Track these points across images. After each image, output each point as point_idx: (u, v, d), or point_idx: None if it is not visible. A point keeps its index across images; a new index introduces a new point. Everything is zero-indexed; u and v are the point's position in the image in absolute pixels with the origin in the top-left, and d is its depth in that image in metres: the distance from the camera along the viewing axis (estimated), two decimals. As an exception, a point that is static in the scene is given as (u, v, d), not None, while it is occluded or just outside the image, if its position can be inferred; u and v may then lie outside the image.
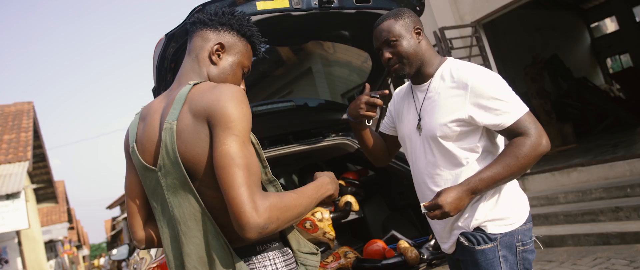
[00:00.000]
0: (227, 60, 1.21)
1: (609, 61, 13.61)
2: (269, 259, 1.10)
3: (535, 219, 4.77)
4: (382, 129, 1.81)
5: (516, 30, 9.25)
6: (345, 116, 2.90)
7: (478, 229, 1.43)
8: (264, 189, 1.17)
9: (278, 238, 1.18)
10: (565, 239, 4.32)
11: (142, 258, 2.69)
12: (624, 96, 9.76)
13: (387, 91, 1.57)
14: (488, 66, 5.96)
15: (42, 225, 15.92)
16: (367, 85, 1.65)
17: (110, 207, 28.84)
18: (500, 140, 1.50)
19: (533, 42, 9.72)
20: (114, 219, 30.49)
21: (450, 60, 1.53)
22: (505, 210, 1.44)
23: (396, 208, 2.96)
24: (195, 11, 1.67)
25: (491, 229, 1.42)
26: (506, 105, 1.36)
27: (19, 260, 9.10)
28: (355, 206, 2.61)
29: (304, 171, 3.32)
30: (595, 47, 12.68)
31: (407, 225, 2.85)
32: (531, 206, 1.62)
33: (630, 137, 6.35)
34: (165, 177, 1.06)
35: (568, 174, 5.44)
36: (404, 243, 2.22)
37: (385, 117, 1.82)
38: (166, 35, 1.77)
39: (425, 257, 2.12)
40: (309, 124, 2.80)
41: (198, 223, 1.04)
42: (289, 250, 1.19)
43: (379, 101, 1.55)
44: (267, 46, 1.35)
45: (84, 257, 33.28)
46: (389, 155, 1.82)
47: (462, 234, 1.46)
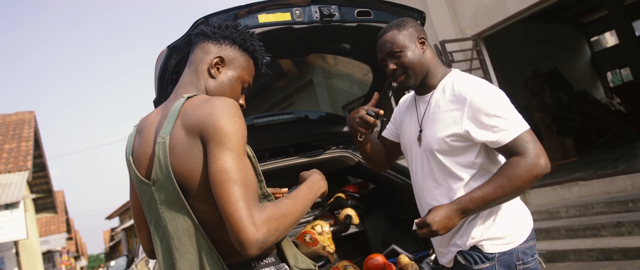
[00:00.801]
0: (227, 74, 1.19)
1: (609, 75, 13.66)
2: None
3: (536, 233, 4.72)
4: (384, 133, 1.78)
5: (517, 44, 9.30)
6: (346, 128, 2.90)
7: (475, 247, 1.39)
8: None
9: (274, 253, 1.16)
10: (567, 254, 4.28)
11: (140, 270, 2.66)
12: (625, 110, 9.76)
13: (382, 112, 1.52)
14: (488, 79, 5.98)
15: (41, 236, 15.84)
16: (375, 95, 1.61)
17: (109, 217, 28.73)
18: (502, 158, 1.45)
19: (533, 55, 9.77)
20: (112, 229, 30.35)
21: (453, 72, 1.50)
22: (504, 229, 1.39)
23: (396, 221, 2.94)
24: (198, 23, 1.68)
25: (488, 248, 1.37)
26: (504, 123, 1.31)
27: (16, 270, 9.04)
28: (356, 219, 2.59)
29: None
30: (596, 61, 12.73)
31: (407, 239, 2.83)
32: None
33: (632, 151, 6.34)
34: (159, 192, 1.04)
35: (569, 188, 5.42)
36: (404, 257, 2.20)
37: (389, 122, 1.78)
38: (168, 47, 1.78)
39: (426, 271, 2.10)
40: (310, 136, 2.80)
41: (191, 239, 1.03)
42: (286, 266, 1.16)
43: (372, 119, 1.50)
44: (269, 60, 1.33)
45: (81, 268, 33.02)
46: (388, 161, 1.79)
47: (459, 253, 1.42)
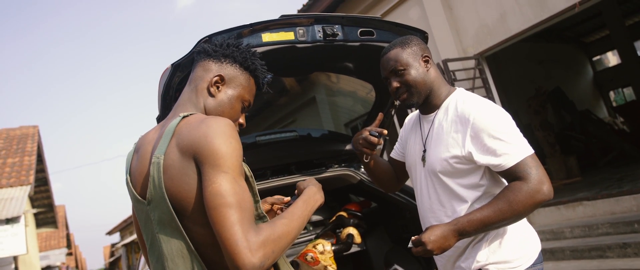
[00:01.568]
0: (226, 93, 1.18)
1: (612, 94, 13.67)
2: None
3: (541, 253, 4.67)
4: (392, 154, 1.77)
5: (519, 63, 9.34)
6: (348, 147, 2.90)
7: None
8: None
9: None
10: (572, 275, 4.22)
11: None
12: (628, 129, 9.74)
13: (385, 131, 1.51)
14: (491, 98, 5.99)
15: (41, 251, 15.74)
16: (379, 116, 1.59)
17: (110, 233, 28.57)
18: None
19: (536, 74, 9.80)
20: (113, 245, 30.14)
21: (458, 92, 1.48)
22: (510, 253, 1.36)
23: (399, 241, 2.91)
24: (202, 41, 1.70)
25: None
26: (506, 147, 1.28)
27: (14, 286, 8.95)
28: (358, 238, 2.57)
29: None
30: (598, 80, 12.76)
31: (409, 258, 2.79)
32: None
33: (635, 171, 6.29)
34: (154, 212, 1.03)
35: (574, 208, 5.37)
36: (407, 278, 2.17)
37: (397, 143, 1.76)
38: (172, 64, 1.79)
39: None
40: (312, 154, 2.80)
41: (185, 261, 1.01)
42: None
43: (375, 140, 1.49)
44: (271, 78, 1.32)
45: (80, 284, 32.70)
46: (398, 182, 1.76)
47: None
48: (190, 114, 1.09)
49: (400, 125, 7.28)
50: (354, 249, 2.70)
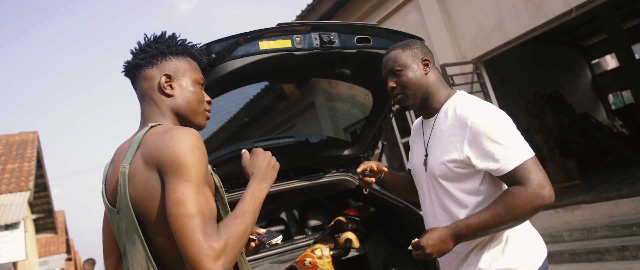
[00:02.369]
0: (181, 85, 1.17)
1: (611, 97, 13.70)
2: None
3: (540, 257, 4.67)
4: (407, 165, 1.76)
5: (517, 67, 9.37)
6: (347, 152, 2.91)
7: None
8: None
9: None
10: (571, 279, 4.23)
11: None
12: (627, 132, 9.76)
13: (385, 169, 1.59)
14: (489, 102, 6.00)
15: (40, 256, 15.69)
16: (384, 170, 1.61)
17: (110, 238, 28.48)
18: None
19: (534, 78, 9.83)
20: (112, 250, 30.02)
21: (458, 95, 1.46)
22: (514, 259, 1.33)
23: (397, 245, 2.92)
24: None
25: None
26: (505, 151, 1.25)
27: (14, 292, 8.93)
28: (356, 243, 2.58)
29: (304, 206, 3.30)
30: (597, 84, 12.79)
31: (408, 263, 2.80)
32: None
33: (634, 174, 6.30)
34: (121, 220, 1.04)
35: (572, 211, 5.38)
36: (404, 283, 2.18)
37: (410, 151, 1.74)
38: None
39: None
40: (310, 159, 2.81)
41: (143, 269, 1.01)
42: None
43: (369, 180, 1.58)
44: (204, 46, 1.28)
45: (80, 290, 32.59)
46: (416, 190, 1.74)
47: None
48: (158, 124, 1.09)
49: (399, 129, 7.31)
50: (353, 253, 2.71)
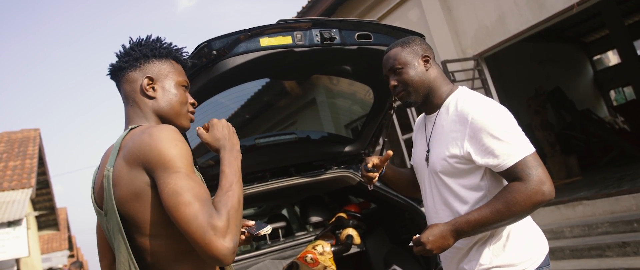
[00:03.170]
0: (163, 87, 1.18)
1: (612, 93, 13.66)
2: None
3: (541, 253, 4.68)
4: (411, 161, 1.75)
5: (518, 63, 9.35)
6: (348, 148, 2.92)
7: None
8: None
9: None
10: (572, 275, 4.23)
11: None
12: (629, 128, 9.74)
13: (391, 152, 1.54)
14: (490, 98, 6.00)
15: (43, 253, 15.77)
16: (389, 154, 1.57)
17: (112, 234, 28.57)
18: None
19: (535, 74, 9.80)
20: (114, 247, 30.14)
21: (459, 91, 1.46)
22: (515, 255, 1.33)
23: (398, 241, 2.93)
24: (202, 47, 1.73)
25: None
26: (505, 146, 1.25)
27: (17, 288, 8.98)
28: (357, 239, 2.59)
29: (305, 203, 3.31)
30: (598, 80, 12.75)
31: (409, 259, 2.81)
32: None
33: (636, 170, 6.29)
34: (109, 223, 1.06)
35: (573, 207, 5.38)
36: (405, 279, 2.19)
37: (413, 148, 1.75)
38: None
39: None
40: (311, 156, 2.82)
41: None
42: None
43: (372, 175, 1.57)
44: (187, 50, 1.28)
45: (83, 286, 32.69)
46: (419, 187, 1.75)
47: None
48: (137, 126, 1.11)
49: (400, 126, 7.30)
50: (354, 249, 2.72)
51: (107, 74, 1.22)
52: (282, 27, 1.87)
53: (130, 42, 1.20)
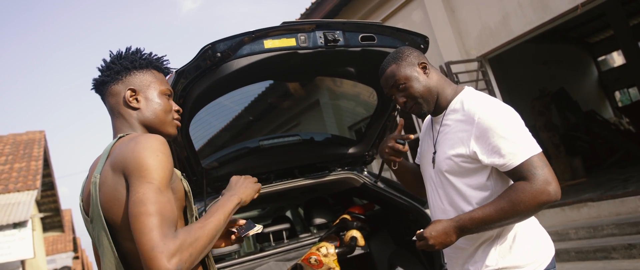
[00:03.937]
0: (147, 98, 1.20)
1: (617, 94, 13.59)
2: None
3: (545, 255, 4.65)
4: (416, 160, 1.75)
5: (522, 64, 9.32)
6: (352, 150, 2.91)
7: None
8: None
9: None
10: (577, 277, 4.21)
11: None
12: (634, 130, 9.68)
13: (412, 136, 1.49)
14: (495, 100, 5.97)
15: (47, 254, 15.84)
16: (400, 122, 1.57)
17: (116, 236, 28.65)
18: None
19: (540, 75, 9.76)
20: (119, 248, 30.19)
21: (465, 91, 1.46)
22: (521, 257, 1.33)
23: (402, 243, 2.93)
24: (206, 49, 1.73)
25: None
26: (511, 146, 1.26)
27: (22, 290, 9.02)
28: (361, 241, 2.58)
29: (309, 204, 3.31)
30: (603, 81, 12.69)
31: (413, 261, 2.81)
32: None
33: (641, 171, 6.26)
34: (94, 229, 1.07)
35: (578, 209, 5.35)
36: (410, 280, 2.18)
37: (418, 147, 1.75)
38: (176, 71, 1.83)
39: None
40: (315, 158, 2.82)
41: None
42: None
43: (403, 147, 1.50)
44: (167, 58, 1.30)
45: (87, 288, 32.78)
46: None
47: None
48: (126, 135, 1.13)
49: (404, 127, 7.29)
50: (358, 251, 2.72)
51: (91, 89, 1.25)
52: (286, 29, 1.88)
53: (110, 56, 1.22)
